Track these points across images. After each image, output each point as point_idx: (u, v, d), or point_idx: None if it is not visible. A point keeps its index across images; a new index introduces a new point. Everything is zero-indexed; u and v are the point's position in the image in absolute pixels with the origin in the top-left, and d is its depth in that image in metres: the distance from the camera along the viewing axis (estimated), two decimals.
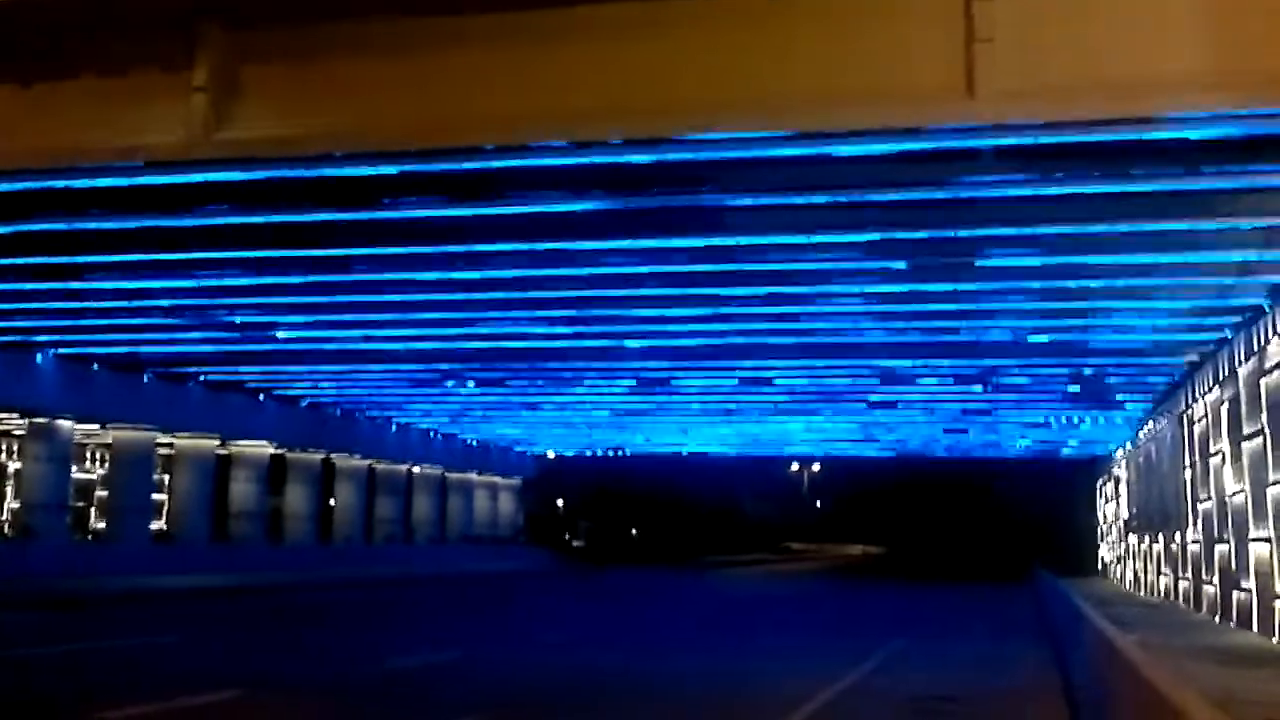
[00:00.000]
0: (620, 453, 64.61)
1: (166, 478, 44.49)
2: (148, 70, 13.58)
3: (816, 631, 24.95)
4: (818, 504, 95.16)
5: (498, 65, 12.69)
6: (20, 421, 36.67)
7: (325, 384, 41.52)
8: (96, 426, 39.01)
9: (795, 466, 78.71)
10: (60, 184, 16.02)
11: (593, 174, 15.11)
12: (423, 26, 12.90)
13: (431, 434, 55.69)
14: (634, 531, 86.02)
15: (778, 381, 35.31)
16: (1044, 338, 26.35)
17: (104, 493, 44.68)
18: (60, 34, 13.84)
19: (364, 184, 15.79)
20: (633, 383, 37.15)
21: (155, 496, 42.94)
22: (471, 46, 12.77)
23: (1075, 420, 42.59)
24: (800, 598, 41.06)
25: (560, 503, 75.33)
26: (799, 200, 16.22)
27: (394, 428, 52.57)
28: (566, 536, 74.23)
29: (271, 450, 45.57)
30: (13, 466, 43.78)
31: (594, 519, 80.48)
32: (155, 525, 43.20)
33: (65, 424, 36.06)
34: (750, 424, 48.15)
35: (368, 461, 52.07)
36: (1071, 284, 20.97)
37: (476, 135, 13.10)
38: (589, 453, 65.35)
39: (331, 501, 51.67)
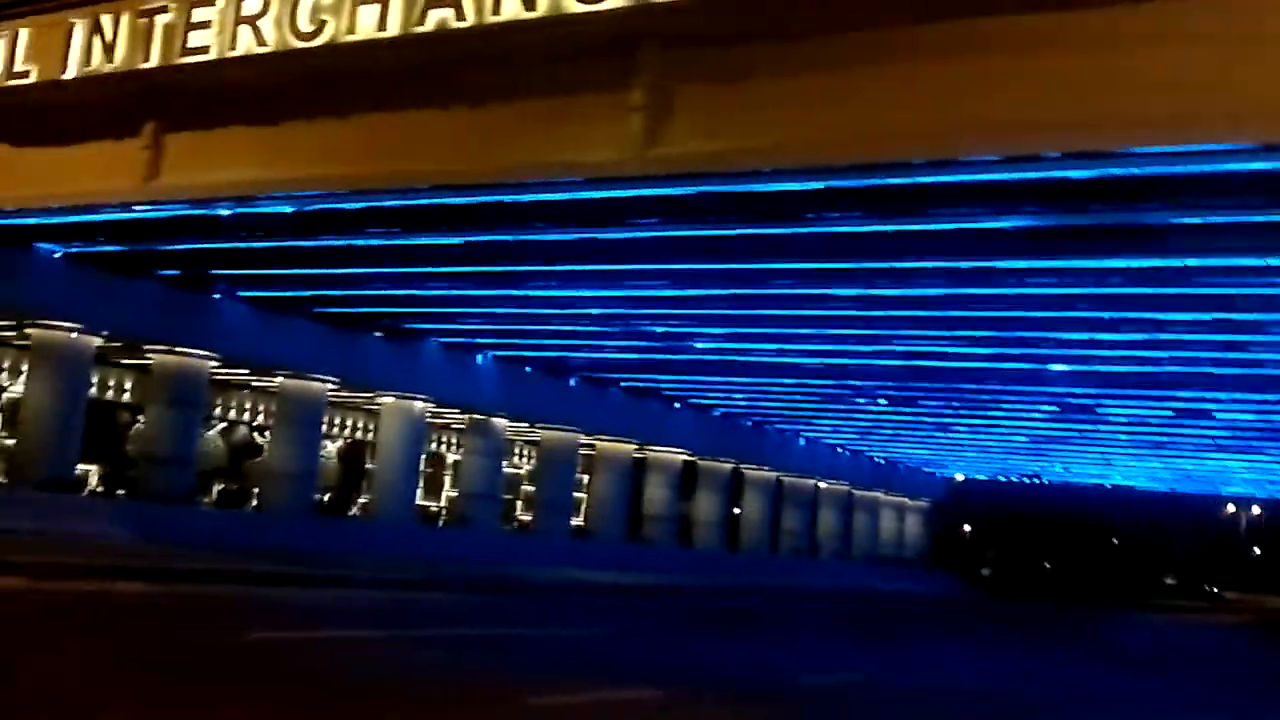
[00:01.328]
0: (1035, 480, 61.90)
1: (586, 477, 46.67)
2: (589, 93, 14.34)
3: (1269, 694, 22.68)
4: (1257, 550, 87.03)
5: (924, 78, 12.44)
6: (461, 416, 39.63)
7: (737, 395, 42.29)
8: (526, 425, 41.55)
9: (1232, 508, 72.45)
10: (507, 198, 17.16)
11: (1025, 189, 14.42)
12: (848, 42, 12.88)
13: (839, 450, 55.49)
14: (1045, 564, 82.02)
15: (1219, 415, 32.62)
16: None
17: (529, 487, 47.45)
18: (507, 61, 14.81)
19: (787, 199, 15.86)
20: (1054, 409, 35.44)
21: (575, 494, 45.18)
22: (897, 60, 12.59)
23: None
24: (1242, 653, 37.56)
25: (968, 528, 72.92)
26: (1258, 219, 14.83)
27: (802, 441, 52.77)
28: (974, 563, 71.70)
29: (683, 456, 46.88)
30: (450, 458, 47.43)
31: (1003, 547, 77.35)
32: (574, 521, 45.45)
33: (499, 421, 38.72)
34: (1183, 459, 44.79)
35: (775, 473, 52.53)
36: None
37: (904, 149, 12.89)
38: (1001, 478, 63.01)
39: (738, 510, 52.52)
